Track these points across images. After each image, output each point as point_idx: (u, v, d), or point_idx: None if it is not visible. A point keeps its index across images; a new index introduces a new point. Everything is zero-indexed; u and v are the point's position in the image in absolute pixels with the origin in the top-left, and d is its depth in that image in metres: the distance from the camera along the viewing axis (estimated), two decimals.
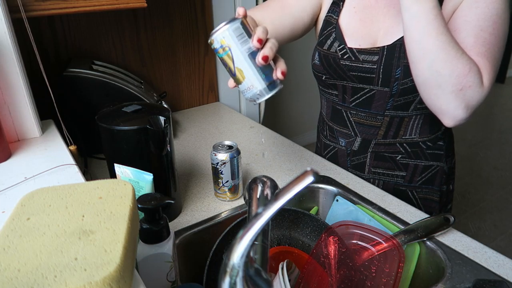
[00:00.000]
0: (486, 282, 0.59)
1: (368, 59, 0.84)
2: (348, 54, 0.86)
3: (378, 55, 0.83)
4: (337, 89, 0.91)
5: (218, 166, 0.81)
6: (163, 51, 1.30)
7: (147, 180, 0.66)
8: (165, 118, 0.69)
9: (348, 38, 0.88)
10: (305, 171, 0.35)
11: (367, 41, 0.86)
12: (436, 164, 0.91)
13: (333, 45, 0.89)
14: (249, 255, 0.34)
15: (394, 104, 0.84)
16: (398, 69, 0.80)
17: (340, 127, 0.95)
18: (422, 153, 0.90)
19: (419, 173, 0.91)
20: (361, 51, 0.85)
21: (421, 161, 0.90)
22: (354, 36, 0.87)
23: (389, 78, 0.81)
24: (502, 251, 0.67)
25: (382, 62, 0.82)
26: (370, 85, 0.85)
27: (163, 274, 0.57)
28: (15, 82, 0.76)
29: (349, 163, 0.96)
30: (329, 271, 0.65)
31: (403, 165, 0.91)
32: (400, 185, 0.93)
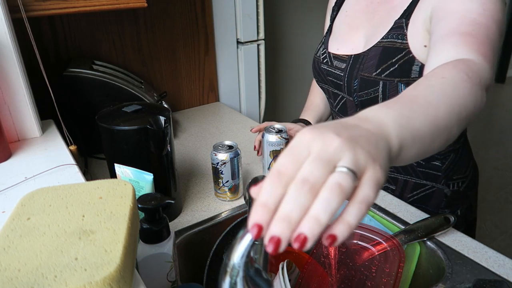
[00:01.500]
0: (486, 282, 0.59)
1: (338, 65, 0.83)
2: (327, 59, 0.86)
3: (346, 62, 0.81)
4: (326, 92, 0.92)
5: (218, 166, 0.81)
6: (163, 51, 1.30)
7: (147, 180, 0.66)
8: (165, 118, 0.69)
9: (331, 42, 0.88)
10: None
11: (346, 47, 0.84)
12: (431, 185, 0.83)
13: (320, 49, 0.91)
14: (250, 255, 0.33)
15: None
16: (355, 80, 0.78)
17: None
18: (412, 170, 0.82)
19: (409, 190, 0.85)
20: (336, 57, 0.84)
21: (411, 178, 0.84)
22: (338, 40, 0.87)
23: (350, 89, 0.80)
24: (502, 251, 0.67)
25: (347, 70, 0.80)
26: (341, 92, 0.85)
27: (163, 274, 0.57)
28: (15, 82, 0.76)
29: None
30: (329, 271, 0.65)
31: (392, 179, 0.86)
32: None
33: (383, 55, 0.73)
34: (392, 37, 0.73)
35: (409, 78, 0.71)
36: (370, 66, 0.75)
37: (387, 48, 0.73)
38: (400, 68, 0.71)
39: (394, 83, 0.73)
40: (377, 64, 0.74)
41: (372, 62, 0.75)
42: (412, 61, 0.70)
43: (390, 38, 0.73)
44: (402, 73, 0.71)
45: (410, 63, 0.70)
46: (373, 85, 0.75)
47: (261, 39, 1.52)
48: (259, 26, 1.49)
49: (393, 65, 0.72)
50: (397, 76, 0.72)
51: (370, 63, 0.75)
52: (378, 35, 0.76)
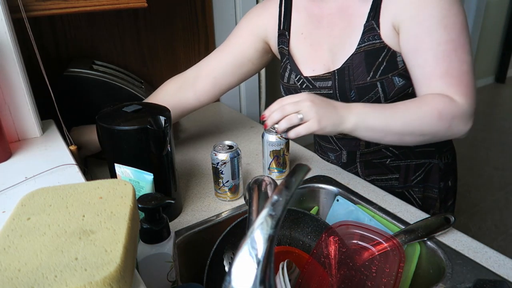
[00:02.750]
0: (486, 282, 0.59)
1: (323, 85, 0.84)
2: (306, 83, 0.87)
3: (331, 80, 0.82)
4: None
5: (219, 166, 0.81)
6: (164, 51, 1.30)
7: (148, 180, 0.66)
8: (165, 118, 0.69)
9: (302, 66, 0.88)
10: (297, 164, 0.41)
11: (321, 66, 0.84)
12: (429, 162, 0.90)
13: (290, 77, 0.90)
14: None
15: None
16: (352, 92, 0.80)
17: (326, 143, 0.97)
18: (412, 152, 0.88)
19: (412, 172, 0.90)
20: (316, 78, 0.85)
21: (412, 161, 0.89)
22: (308, 63, 0.87)
23: (346, 101, 0.80)
24: (502, 251, 0.67)
25: (336, 86, 0.82)
26: None
27: (164, 274, 0.57)
28: (15, 82, 0.76)
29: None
30: (330, 271, 0.65)
31: (395, 167, 0.90)
32: (396, 187, 0.93)
33: (368, 58, 0.77)
34: (368, 40, 0.76)
35: (399, 69, 0.76)
36: (361, 73, 0.78)
37: (368, 51, 0.76)
38: (388, 63, 0.76)
39: (389, 78, 0.77)
40: (367, 69, 0.77)
41: (361, 69, 0.77)
42: (395, 54, 0.76)
43: (367, 42, 0.76)
44: (391, 67, 0.76)
45: (394, 56, 0.76)
46: (372, 89, 0.78)
47: None
48: None
49: (381, 64, 0.76)
50: (389, 72, 0.76)
51: (359, 71, 0.78)
52: (350, 44, 0.79)
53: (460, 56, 0.70)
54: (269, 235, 0.34)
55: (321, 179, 0.91)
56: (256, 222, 0.34)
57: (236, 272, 0.33)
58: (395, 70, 0.76)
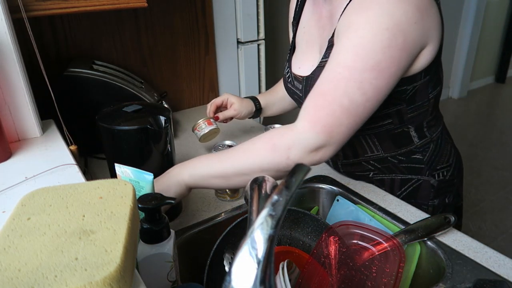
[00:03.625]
0: (486, 282, 0.59)
1: (297, 86, 0.85)
2: (290, 78, 0.88)
3: (301, 84, 0.83)
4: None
5: None
6: (164, 51, 1.30)
7: (148, 180, 0.66)
8: (165, 118, 0.69)
9: (294, 61, 0.87)
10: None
11: (308, 64, 0.81)
12: (417, 178, 0.83)
13: (286, 68, 0.91)
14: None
15: None
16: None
17: None
18: (396, 167, 0.83)
19: (398, 187, 0.85)
20: (295, 78, 0.85)
21: (397, 175, 0.84)
22: (298, 58, 0.86)
23: None
24: (502, 251, 0.67)
25: (304, 91, 0.82)
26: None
27: (164, 274, 0.57)
28: (15, 82, 0.76)
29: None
30: (330, 271, 0.65)
31: (378, 181, 0.87)
32: None
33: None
34: (326, 56, 0.72)
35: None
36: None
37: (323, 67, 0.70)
38: None
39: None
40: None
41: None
42: None
43: (326, 58, 0.72)
44: None
45: None
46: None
47: (262, 39, 1.52)
48: (260, 26, 1.49)
49: None
50: None
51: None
52: (319, 56, 0.78)
53: (350, 87, 0.62)
54: (269, 235, 0.34)
55: (321, 179, 0.91)
56: (256, 222, 0.34)
57: (236, 272, 0.33)
58: None
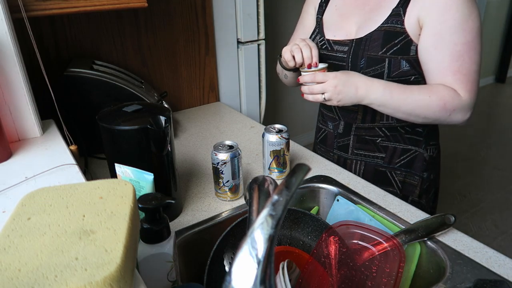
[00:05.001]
0: (487, 282, 0.59)
1: (340, 49, 0.95)
2: (326, 45, 0.98)
3: (348, 46, 0.93)
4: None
5: (219, 166, 0.80)
6: (164, 51, 1.30)
7: (148, 180, 0.66)
8: (165, 118, 0.69)
9: (327, 31, 0.99)
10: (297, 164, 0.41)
11: (342, 33, 0.95)
12: (415, 149, 0.97)
13: (315, 38, 1.02)
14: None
15: None
16: (362, 59, 0.90)
17: (327, 112, 1.05)
18: (401, 137, 0.96)
19: (398, 155, 0.97)
20: (336, 42, 0.96)
21: (400, 144, 0.96)
22: (332, 29, 0.98)
23: (355, 67, 0.91)
24: (503, 251, 0.67)
25: (350, 52, 0.92)
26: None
27: (164, 274, 0.57)
28: (15, 82, 0.76)
29: (336, 144, 1.04)
30: (330, 271, 0.65)
31: (383, 147, 0.97)
32: (380, 166, 0.99)
33: (386, 37, 0.86)
34: (392, 23, 0.86)
35: (409, 55, 0.86)
36: (375, 47, 0.88)
37: (388, 31, 0.86)
38: (401, 47, 0.85)
39: (398, 60, 0.86)
40: (382, 45, 0.87)
41: (377, 43, 0.87)
42: (410, 43, 0.85)
43: (390, 23, 0.86)
44: (403, 51, 0.85)
45: (408, 44, 0.85)
46: (380, 62, 0.87)
47: (262, 39, 1.52)
48: (260, 26, 1.49)
49: (395, 45, 0.86)
50: (399, 54, 0.86)
51: (374, 44, 0.88)
52: (375, 21, 0.89)
53: (472, 57, 0.82)
54: (269, 235, 0.34)
55: (321, 179, 0.91)
56: (256, 222, 0.34)
57: (236, 272, 0.33)
58: (406, 55, 0.85)
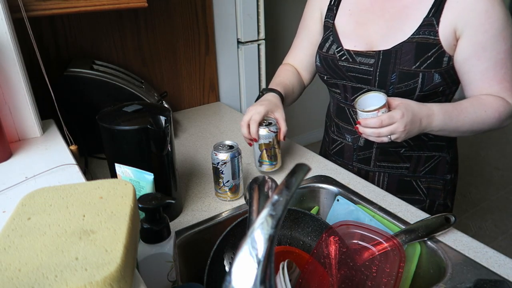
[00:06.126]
0: (487, 282, 0.59)
1: (364, 61, 0.88)
2: (346, 56, 0.90)
3: (374, 58, 0.86)
4: (339, 88, 0.95)
5: (219, 166, 0.80)
6: (164, 50, 1.30)
7: (148, 180, 0.66)
8: (165, 118, 0.69)
9: (344, 40, 0.92)
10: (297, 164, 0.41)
11: (363, 42, 0.89)
12: (438, 155, 0.94)
13: (331, 47, 0.93)
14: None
15: None
16: (393, 74, 0.84)
17: (345, 124, 0.99)
18: (425, 145, 0.93)
19: (422, 163, 0.94)
20: (358, 53, 0.89)
21: (424, 152, 0.93)
22: (350, 37, 0.91)
23: (385, 81, 0.85)
24: (503, 251, 0.67)
25: (378, 65, 0.86)
26: (368, 86, 0.89)
27: (164, 274, 0.57)
28: (15, 82, 0.77)
29: (355, 157, 0.99)
30: (330, 271, 0.65)
31: (407, 157, 0.94)
32: (405, 176, 0.96)
33: (419, 49, 0.82)
34: (424, 34, 0.81)
35: (441, 68, 0.82)
36: (408, 60, 0.82)
37: (421, 43, 0.81)
38: (435, 60, 0.82)
39: (431, 73, 0.82)
40: (415, 59, 0.82)
41: (409, 57, 0.82)
42: (443, 54, 0.81)
43: (422, 35, 0.81)
44: (437, 64, 0.82)
45: (441, 55, 0.81)
46: (413, 77, 0.83)
47: (262, 39, 1.52)
48: (260, 26, 1.49)
49: (429, 58, 0.81)
50: (433, 67, 0.82)
51: (407, 58, 0.83)
52: (402, 31, 0.84)
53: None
54: (269, 235, 0.34)
55: (321, 179, 0.91)
56: (256, 222, 0.34)
57: (236, 272, 0.33)
58: (438, 68, 0.82)
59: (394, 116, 0.75)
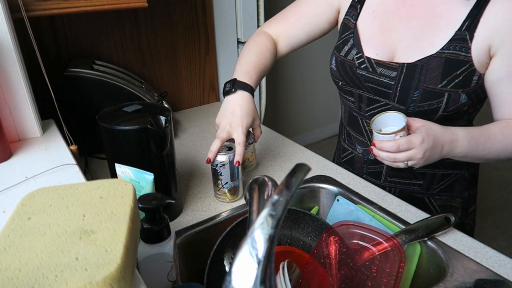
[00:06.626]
0: (487, 282, 0.59)
1: (385, 73, 0.80)
2: (365, 64, 0.83)
3: (396, 71, 0.79)
4: (353, 96, 0.89)
5: (218, 168, 0.80)
6: (164, 51, 1.30)
7: (148, 180, 0.66)
8: (165, 118, 0.69)
9: (365, 45, 0.84)
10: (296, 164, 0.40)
11: (385, 51, 0.81)
12: (456, 172, 0.88)
13: (350, 52, 0.85)
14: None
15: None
16: (416, 92, 0.77)
17: (357, 134, 0.93)
18: (441, 163, 0.84)
19: (437, 181, 0.88)
20: (379, 63, 0.81)
21: (439, 170, 0.87)
22: (372, 43, 0.83)
23: (406, 97, 0.78)
24: (503, 251, 0.67)
25: (400, 80, 0.78)
26: (386, 99, 0.82)
27: (164, 274, 0.57)
28: (16, 82, 0.76)
29: (365, 170, 0.94)
30: (330, 271, 0.65)
31: (420, 174, 0.88)
32: (417, 192, 0.90)
33: (447, 66, 0.74)
34: (454, 49, 0.74)
35: (470, 87, 0.75)
36: (434, 78, 0.75)
37: (450, 60, 0.74)
38: (463, 79, 0.74)
39: (458, 94, 0.75)
40: (442, 76, 0.74)
41: (436, 74, 0.75)
42: (474, 72, 0.74)
43: (453, 50, 0.74)
44: (465, 83, 0.74)
45: (472, 74, 0.74)
46: (438, 97, 0.75)
47: None
48: (260, 26, 1.49)
49: (457, 77, 0.74)
50: (461, 87, 0.74)
51: (433, 75, 0.75)
52: (430, 43, 0.75)
53: None
54: (269, 235, 0.34)
55: (321, 179, 0.91)
56: (256, 222, 0.34)
57: (236, 272, 0.33)
58: (466, 88, 0.75)
59: (413, 141, 0.67)
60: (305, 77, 2.97)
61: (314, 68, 2.95)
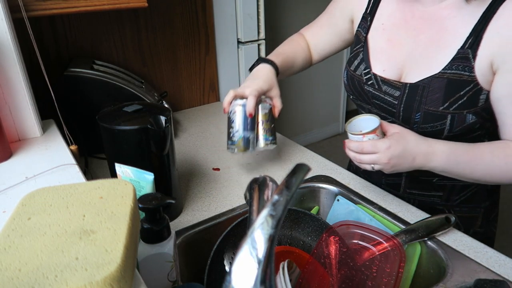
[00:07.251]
0: (487, 282, 0.59)
1: (390, 92, 0.79)
2: (372, 81, 0.81)
3: (400, 90, 0.77)
4: (365, 110, 0.88)
5: (231, 115, 0.80)
6: (164, 51, 1.30)
7: (148, 180, 0.66)
8: (166, 118, 0.69)
9: (373, 61, 0.83)
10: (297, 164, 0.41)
11: (394, 67, 0.80)
12: (476, 184, 0.84)
13: (359, 67, 0.85)
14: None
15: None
16: (417, 114, 0.75)
17: None
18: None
19: (457, 192, 0.86)
20: (384, 81, 0.80)
21: (459, 182, 0.83)
22: (380, 58, 0.82)
23: (409, 119, 0.76)
24: (503, 251, 0.67)
25: (403, 100, 0.77)
26: (393, 118, 0.81)
27: (164, 274, 0.57)
28: (16, 82, 0.77)
29: (384, 181, 0.91)
30: (330, 271, 0.65)
31: (440, 186, 0.86)
32: (437, 204, 0.88)
33: (450, 88, 0.71)
34: (457, 69, 0.70)
35: (477, 107, 0.71)
36: (435, 100, 0.72)
37: (453, 80, 0.71)
38: (468, 100, 0.71)
39: (463, 115, 0.72)
40: (444, 98, 0.71)
41: (438, 96, 0.72)
42: (480, 91, 0.70)
43: (455, 70, 0.71)
44: (470, 104, 0.71)
45: (477, 93, 0.70)
46: (440, 119, 0.73)
47: (262, 39, 1.52)
48: (260, 26, 1.50)
49: (461, 98, 0.71)
50: (465, 108, 0.71)
51: (435, 97, 0.72)
52: (435, 61, 0.73)
53: None
54: (269, 235, 0.34)
55: (321, 179, 0.91)
56: (256, 222, 0.34)
57: (236, 272, 0.33)
58: (472, 108, 0.71)
59: (378, 146, 0.68)
60: (305, 77, 2.96)
61: (314, 68, 2.95)
